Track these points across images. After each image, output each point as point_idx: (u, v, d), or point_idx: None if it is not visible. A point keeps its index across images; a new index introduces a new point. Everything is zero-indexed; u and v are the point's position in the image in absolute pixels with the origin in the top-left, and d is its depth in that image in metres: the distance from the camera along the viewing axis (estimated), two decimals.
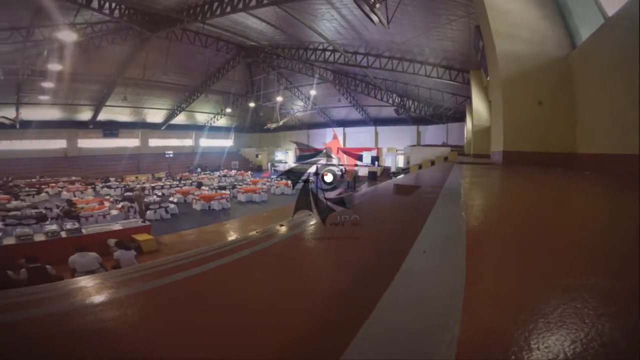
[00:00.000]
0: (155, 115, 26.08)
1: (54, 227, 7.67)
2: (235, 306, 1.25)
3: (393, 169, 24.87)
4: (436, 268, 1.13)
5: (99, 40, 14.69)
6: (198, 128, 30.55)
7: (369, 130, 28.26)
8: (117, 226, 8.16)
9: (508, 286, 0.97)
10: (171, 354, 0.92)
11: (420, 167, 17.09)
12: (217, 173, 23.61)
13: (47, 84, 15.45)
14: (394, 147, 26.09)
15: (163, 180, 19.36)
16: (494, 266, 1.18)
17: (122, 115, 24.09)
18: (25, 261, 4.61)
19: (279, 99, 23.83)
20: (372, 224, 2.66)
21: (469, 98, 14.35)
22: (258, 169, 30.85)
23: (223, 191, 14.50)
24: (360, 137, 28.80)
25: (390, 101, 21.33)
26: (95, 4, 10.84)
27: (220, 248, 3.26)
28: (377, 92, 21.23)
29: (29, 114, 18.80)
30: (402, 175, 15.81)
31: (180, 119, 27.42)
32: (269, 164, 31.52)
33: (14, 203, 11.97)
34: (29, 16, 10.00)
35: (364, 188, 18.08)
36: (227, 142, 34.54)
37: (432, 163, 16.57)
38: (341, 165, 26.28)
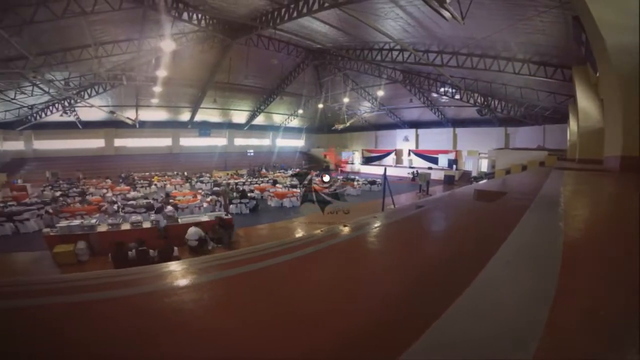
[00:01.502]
0: (239, 116, 28.87)
1: (153, 216, 8.94)
2: (297, 300, 1.30)
3: (474, 173, 22.72)
4: (521, 280, 0.97)
5: (192, 48, 17.13)
6: (274, 128, 32.78)
7: (446, 131, 26.37)
8: (205, 217, 9.09)
9: (608, 311, 0.78)
10: (235, 338, 1.00)
11: (508, 172, 15.31)
12: (290, 172, 24.80)
13: (156, 89, 18.47)
14: (476, 150, 23.82)
15: (245, 177, 21.26)
16: (593, 286, 0.95)
17: (213, 116, 27.33)
18: (135, 244, 5.46)
19: (346, 100, 23.91)
20: (444, 229, 2.43)
21: (572, 97, 12.10)
22: (326, 169, 31.59)
23: (294, 189, 15.22)
24: (435, 139, 27.08)
25: (472, 101, 19.39)
26: (185, 17, 12.66)
27: (287, 244, 3.42)
28: (455, 91, 19.57)
29: (143, 115, 22.91)
30: (485, 180, 14.28)
31: (259, 119, 29.81)
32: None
33: (132, 193, 14.45)
34: (139, 29, 11.94)
35: (437, 192, 16.94)
36: (299, 142, 36.29)
37: (524, 168, 14.69)
38: (413, 167, 25.23)
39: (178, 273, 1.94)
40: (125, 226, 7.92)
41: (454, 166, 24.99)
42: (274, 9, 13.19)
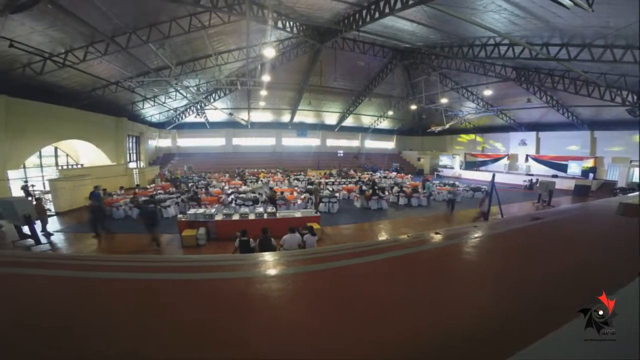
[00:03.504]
0: (331, 118, 30.04)
1: (261, 209, 10.07)
2: (371, 302, 1.28)
3: (621, 184, 17.91)
4: None
5: (288, 54, 18.73)
6: (363, 130, 32.85)
7: (580, 135, 21.61)
8: (297, 214, 9.81)
9: None
10: (305, 328, 1.06)
11: None
12: (378, 174, 24.42)
13: (263, 92, 20.76)
14: (627, 157, 18.71)
15: (334, 177, 22.04)
16: None
17: (309, 117, 29.24)
18: (240, 234, 6.10)
19: (444, 100, 21.93)
20: (566, 245, 1.97)
21: None
22: (419, 173, 29.77)
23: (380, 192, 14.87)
24: (562, 143, 22.57)
25: (619, 100, 15.16)
26: (280, 25, 13.84)
27: (370, 246, 3.36)
28: (592, 89, 15.63)
29: (253, 116, 26.01)
30: (637, 193, 10.93)
31: (348, 121, 30.35)
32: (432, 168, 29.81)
33: (243, 187, 16.66)
34: (245, 38, 13.60)
35: (563, 203, 13.84)
36: (388, 144, 35.33)
37: None
38: (531, 175, 21.34)
39: (270, 263, 2.13)
40: (235, 217, 9.20)
41: (591, 175, 20.01)
42: (354, 11, 13.25)
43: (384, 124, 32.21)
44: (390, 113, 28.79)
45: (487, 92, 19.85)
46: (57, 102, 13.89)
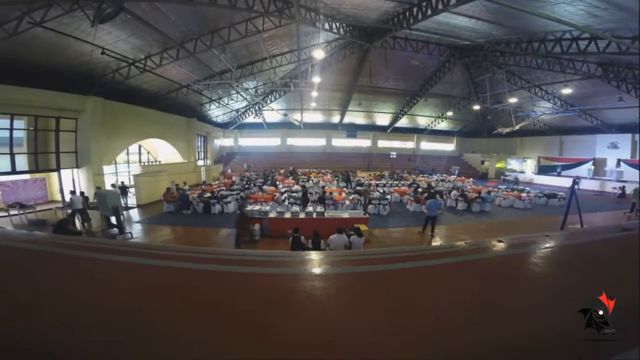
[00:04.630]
0: (383, 119, 29.32)
1: (310, 208, 10.33)
2: (415, 309, 1.24)
3: None
4: None
5: (337, 55, 18.76)
6: (419, 131, 31.40)
7: None
8: (345, 215, 9.82)
9: None
10: (353, 329, 1.05)
11: None
12: (435, 177, 23.15)
13: (314, 93, 21.34)
14: None
15: (386, 178, 21.48)
16: None
17: (359, 118, 29.01)
18: (292, 232, 6.36)
19: (512, 100, 19.78)
20: None
21: None
22: (482, 177, 27.35)
23: (437, 196, 14.04)
24: None
25: None
26: (327, 27, 13.85)
27: (421, 250, 3.19)
28: None
29: (306, 117, 26.56)
30: None
31: (402, 122, 29.27)
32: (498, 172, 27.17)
33: (295, 187, 17.04)
34: (296, 41, 14.00)
35: None
36: (447, 146, 33.23)
37: None
38: (623, 181, 18.08)
39: (316, 262, 2.16)
40: (287, 215, 9.54)
41: None
42: (404, 9, 12.69)
43: (442, 125, 30.42)
44: (450, 114, 27.06)
45: (566, 91, 17.52)
46: (140, 104, 16.03)
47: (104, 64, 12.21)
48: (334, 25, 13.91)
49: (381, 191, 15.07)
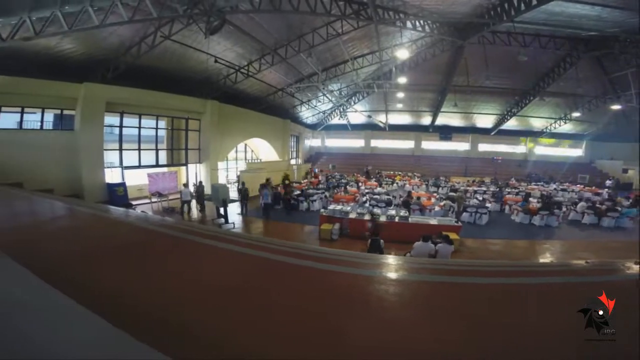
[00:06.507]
0: (484, 120, 26.03)
1: (393, 212, 9.98)
2: (503, 332, 1.12)
3: None
4: None
5: (424, 54, 17.35)
6: (533, 134, 26.75)
7: None
8: (433, 221, 9.14)
9: None
10: (424, 342, 1.05)
11: None
12: (554, 186, 19.63)
13: (399, 94, 20.42)
14: None
15: (487, 185, 19.15)
16: None
17: (454, 120, 26.48)
18: (370, 234, 6.31)
19: None
20: None
21: None
22: (625, 187, 21.56)
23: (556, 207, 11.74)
24: None
25: None
26: (409, 25, 12.82)
27: (524, 266, 2.81)
28: None
29: (391, 119, 26.03)
30: None
31: (511, 124, 25.31)
32: None
33: (378, 189, 16.81)
34: (376, 42, 13.79)
35: None
36: (572, 151, 27.32)
37: None
38: None
39: (393, 267, 2.14)
40: (367, 217, 9.43)
41: None
42: (501, 0, 10.93)
43: (565, 127, 25.22)
44: (576, 115, 22.19)
45: None
46: (245, 106, 18.39)
47: (217, 70, 14.37)
48: (417, 23, 13.03)
49: (480, 198, 13.56)
